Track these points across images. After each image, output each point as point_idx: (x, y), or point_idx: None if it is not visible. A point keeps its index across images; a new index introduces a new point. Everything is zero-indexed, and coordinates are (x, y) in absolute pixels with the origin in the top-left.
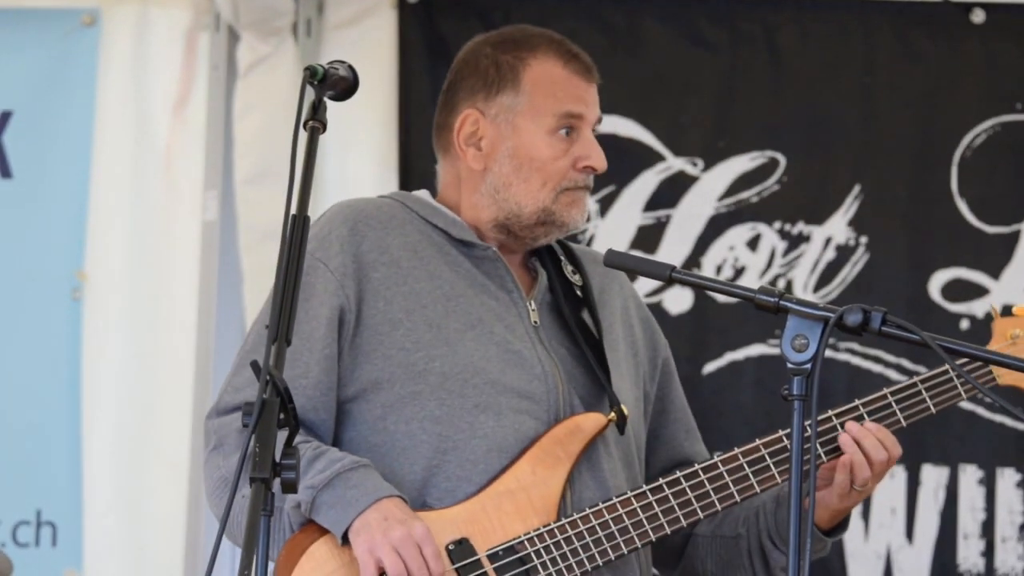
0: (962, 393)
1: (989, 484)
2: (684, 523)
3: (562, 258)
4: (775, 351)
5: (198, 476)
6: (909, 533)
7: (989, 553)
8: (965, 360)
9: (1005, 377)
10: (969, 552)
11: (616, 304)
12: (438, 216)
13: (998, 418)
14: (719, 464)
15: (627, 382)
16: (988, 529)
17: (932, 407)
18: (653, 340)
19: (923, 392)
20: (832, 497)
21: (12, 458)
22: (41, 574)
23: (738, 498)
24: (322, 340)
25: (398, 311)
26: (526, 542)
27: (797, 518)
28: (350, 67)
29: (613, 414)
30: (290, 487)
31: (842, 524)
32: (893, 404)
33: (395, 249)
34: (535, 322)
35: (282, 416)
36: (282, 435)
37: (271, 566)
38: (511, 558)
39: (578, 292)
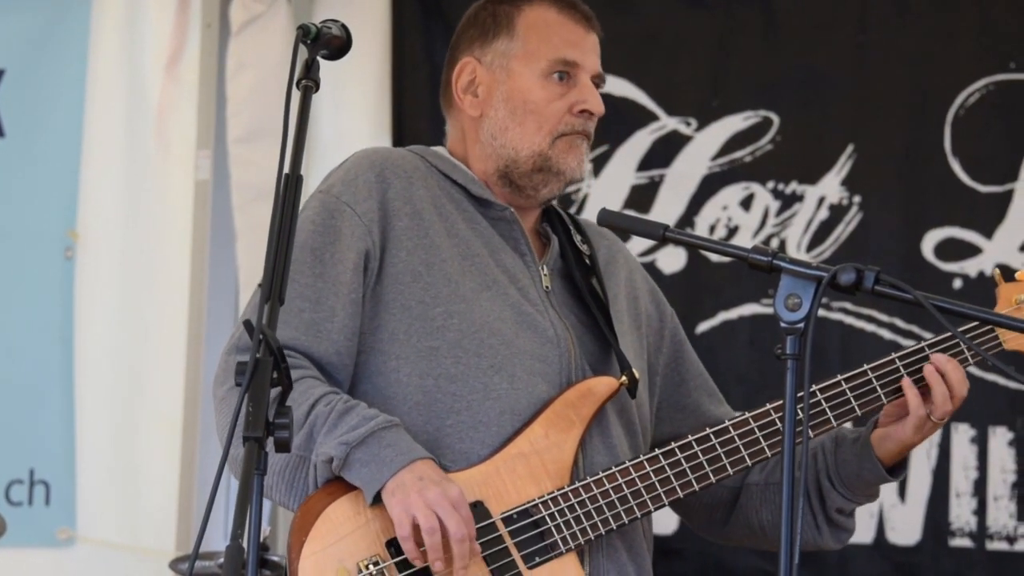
0: (968, 359)
1: (981, 443)
2: (696, 487)
3: (571, 227)
4: (768, 310)
5: (191, 434)
6: (902, 492)
7: (981, 512)
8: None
9: (1011, 343)
10: (961, 511)
11: (621, 276)
12: (457, 172)
13: (990, 377)
14: (730, 428)
15: (632, 352)
16: (980, 488)
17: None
18: (660, 311)
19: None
20: (907, 430)
21: (5, 417)
22: (34, 533)
23: (749, 462)
24: (348, 284)
25: (418, 263)
26: (540, 505)
27: (790, 481)
28: (343, 26)
29: (625, 378)
30: (283, 446)
31: (903, 463)
32: (901, 369)
33: (418, 200)
34: (547, 287)
35: (275, 375)
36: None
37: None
38: (525, 521)
39: (587, 260)
